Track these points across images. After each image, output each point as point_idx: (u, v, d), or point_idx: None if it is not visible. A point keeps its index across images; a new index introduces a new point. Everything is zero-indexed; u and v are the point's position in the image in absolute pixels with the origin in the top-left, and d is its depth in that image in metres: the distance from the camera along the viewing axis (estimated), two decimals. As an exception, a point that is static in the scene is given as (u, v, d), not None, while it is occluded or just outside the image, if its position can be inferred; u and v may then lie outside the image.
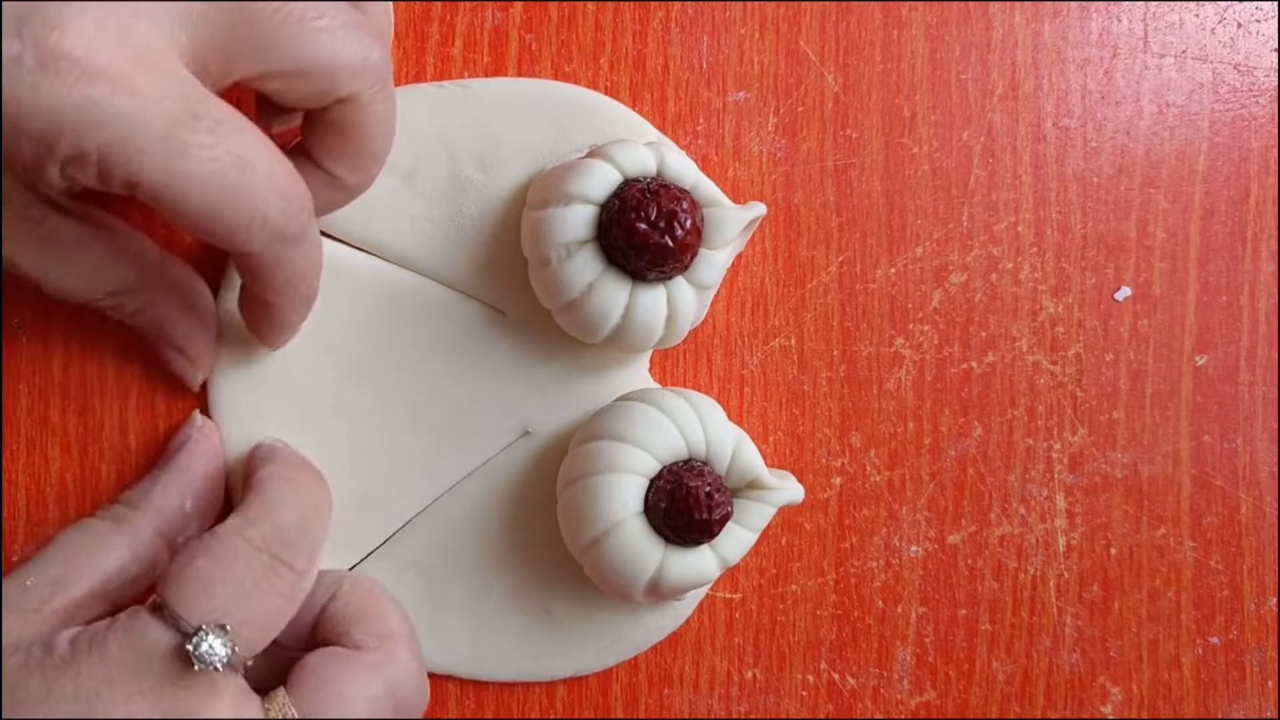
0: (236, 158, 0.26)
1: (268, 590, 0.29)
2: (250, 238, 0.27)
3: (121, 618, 0.28)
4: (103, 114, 0.24)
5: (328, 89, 0.28)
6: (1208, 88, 0.37)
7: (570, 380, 0.35)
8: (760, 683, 0.36)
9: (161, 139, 0.25)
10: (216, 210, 0.26)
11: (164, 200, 0.25)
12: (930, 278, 0.36)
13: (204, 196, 0.25)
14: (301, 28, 0.27)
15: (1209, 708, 0.37)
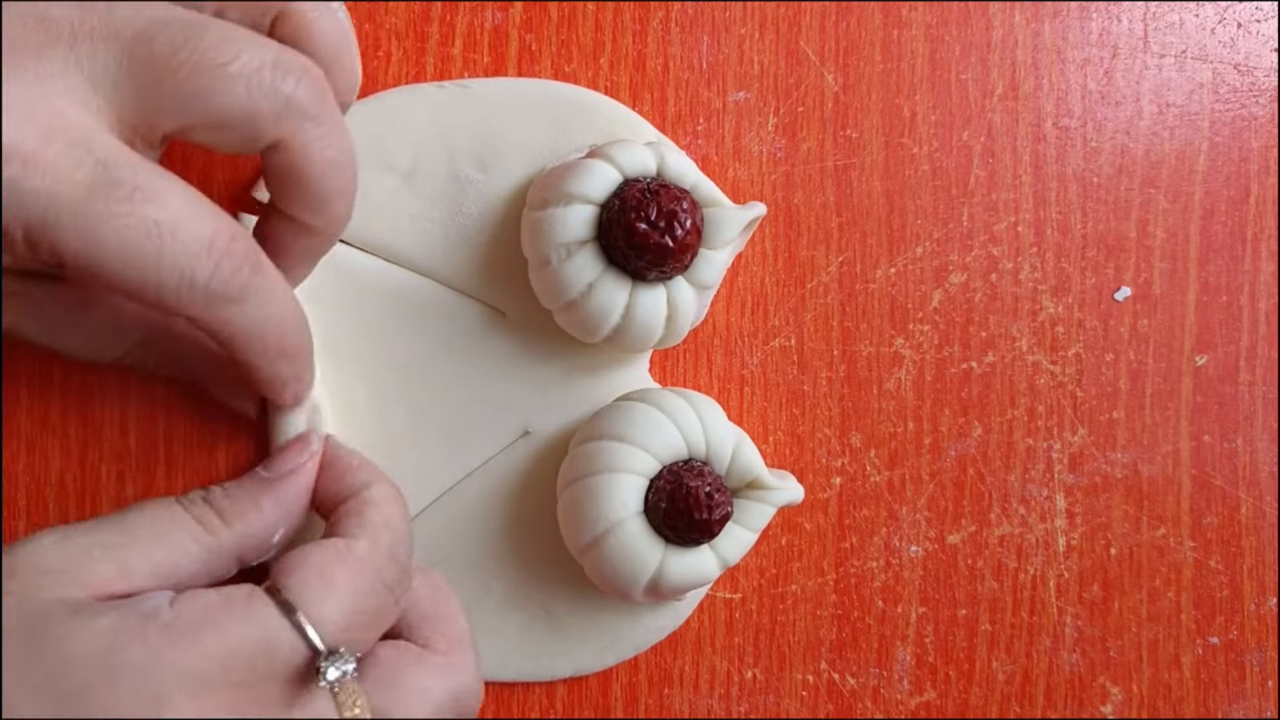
0: (152, 224, 0.25)
1: (378, 627, 0.28)
2: (181, 301, 0.26)
3: (238, 598, 0.26)
4: (16, 194, 0.24)
5: (250, 137, 0.27)
6: (1208, 88, 0.37)
7: (570, 380, 0.35)
8: (760, 683, 0.36)
9: (74, 213, 0.24)
10: (140, 277, 0.25)
11: (87, 271, 0.25)
12: (930, 278, 0.36)
13: (124, 265, 0.25)
14: (212, 76, 0.25)
15: (1209, 708, 0.37)
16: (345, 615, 0.27)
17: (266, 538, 0.30)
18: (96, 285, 0.26)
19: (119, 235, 0.25)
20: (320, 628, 0.26)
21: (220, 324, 0.27)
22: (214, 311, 0.27)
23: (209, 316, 0.27)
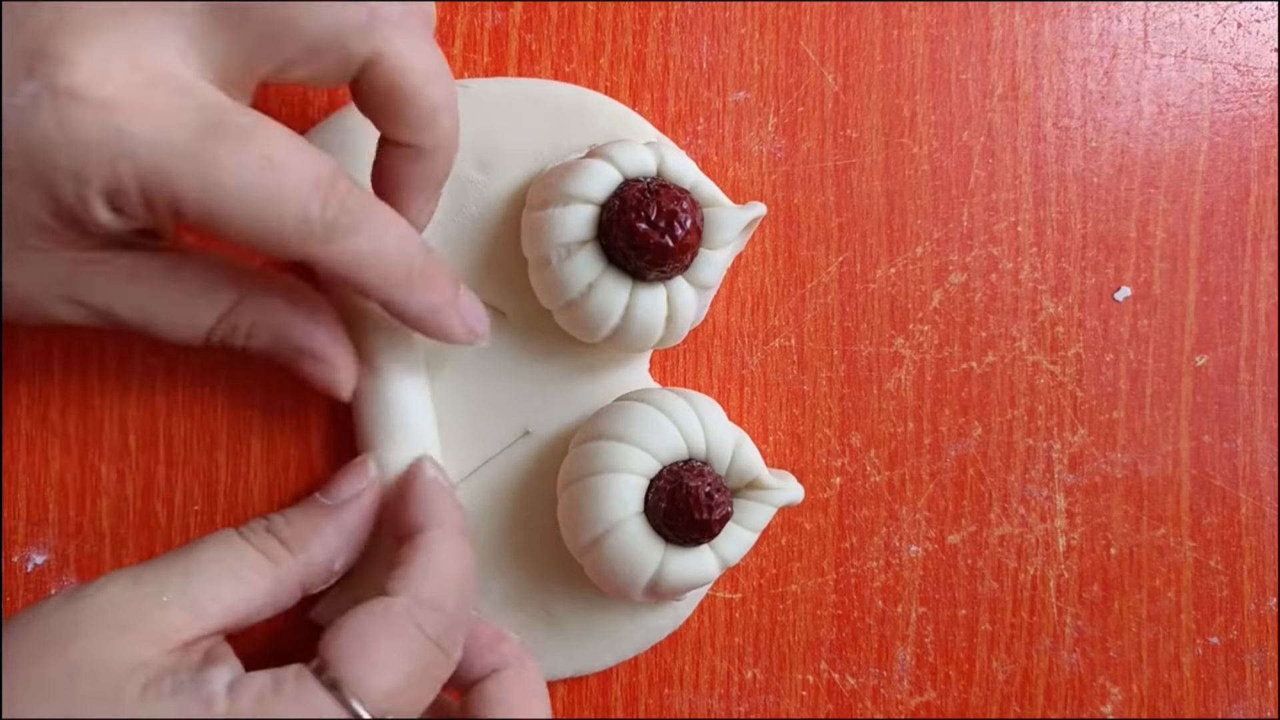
0: (265, 159, 0.25)
1: (432, 680, 0.28)
2: (303, 238, 0.26)
3: (288, 681, 0.26)
4: (127, 142, 0.24)
5: (344, 57, 0.27)
6: (1208, 88, 0.37)
7: (570, 380, 0.35)
8: (760, 683, 0.36)
9: (188, 155, 0.25)
10: (258, 216, 0.25)
11: (206, 215, 0.25)
12: (930, 278, 0.36)
13: (242, 204, 0.25)
14: (298, 5, 0.26)
15: (1209, 708, 0.37)
16: (390, 683, 0.27)
17: (328, 564, 0.30)
18: (213, 235, 0.26)
19: (237, 176, 0.25)
20: (366, 701, 0.26)
21: (346, 258, 0.27)
22: (334, 244, 0.27)
23: (331, 252, 0.27)
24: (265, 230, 0.26)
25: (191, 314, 0.29)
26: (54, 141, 0.24)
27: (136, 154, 0.24)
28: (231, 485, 0.35)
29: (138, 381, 0.35)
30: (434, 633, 0.28)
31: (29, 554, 0.35)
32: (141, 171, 0.25)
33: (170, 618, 0.27)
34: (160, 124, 0.25)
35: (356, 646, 0.27)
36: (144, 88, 0.25)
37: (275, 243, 0.26)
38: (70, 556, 0.35)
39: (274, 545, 0.30)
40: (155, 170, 0.25)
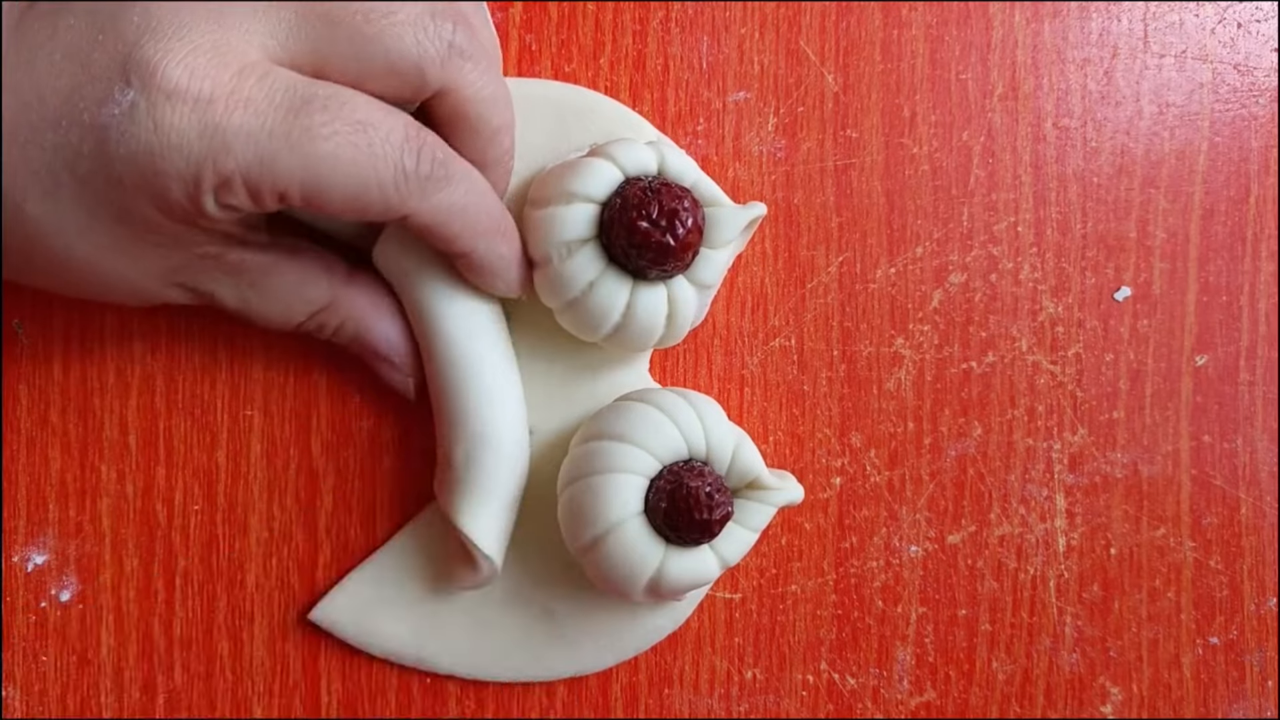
0: (357, 124, 0.26)
1: None
2: (401, 195, 0.27)
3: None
4: (226, 137, 0.25)
5: (419, 84, 0.28)
6: (1208, 88, 0.37)
7: (570, 380, 0.35)
8: (760, 683, 0.36)
9: (285, 137, 0.26)
10: (359, 179, 0.27)
11: (310, 192, 0.26)
12: (930, 278, 0.36)
13: (343, 170, 0.26)
14: (382, 25, 0.27)
15: (1209, 708, 0.37)
16: None
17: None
18: (319, 208, 0.27)
19: (332, 144, 0.26)
20: None
21: (438, 212, 0.29)
22: (430, 198, 0.28)
23: (426, 206, 0.28)
24: (366, 193, 0.27)
25: (287, 309, 0.31)
26: (156, 147, 0.25)
27: (236, 147, 0.25)
28: (231, 485, 0.35)
29: (138, 382, 0.35)
30: None
31: (29, 554, 0.35)
32: (243, 163, 0.26)
33: None
34: (253, 113, 0.26)
35: None
36: (233, 78, 0.26)
37: (378, 204, 0.27)
38: (70, 556, 0.35)
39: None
40: (256, 159, 0.26)
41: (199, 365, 0.35)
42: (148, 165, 0.26)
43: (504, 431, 0.33)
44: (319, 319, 0.32)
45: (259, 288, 0.31)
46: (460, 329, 0.32)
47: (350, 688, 0.36)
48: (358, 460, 0.35)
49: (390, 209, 0.28)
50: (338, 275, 0.32)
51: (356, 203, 0.27)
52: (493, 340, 0.33)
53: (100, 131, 0.25)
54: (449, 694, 0.36)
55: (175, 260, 0.29)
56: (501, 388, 0.33)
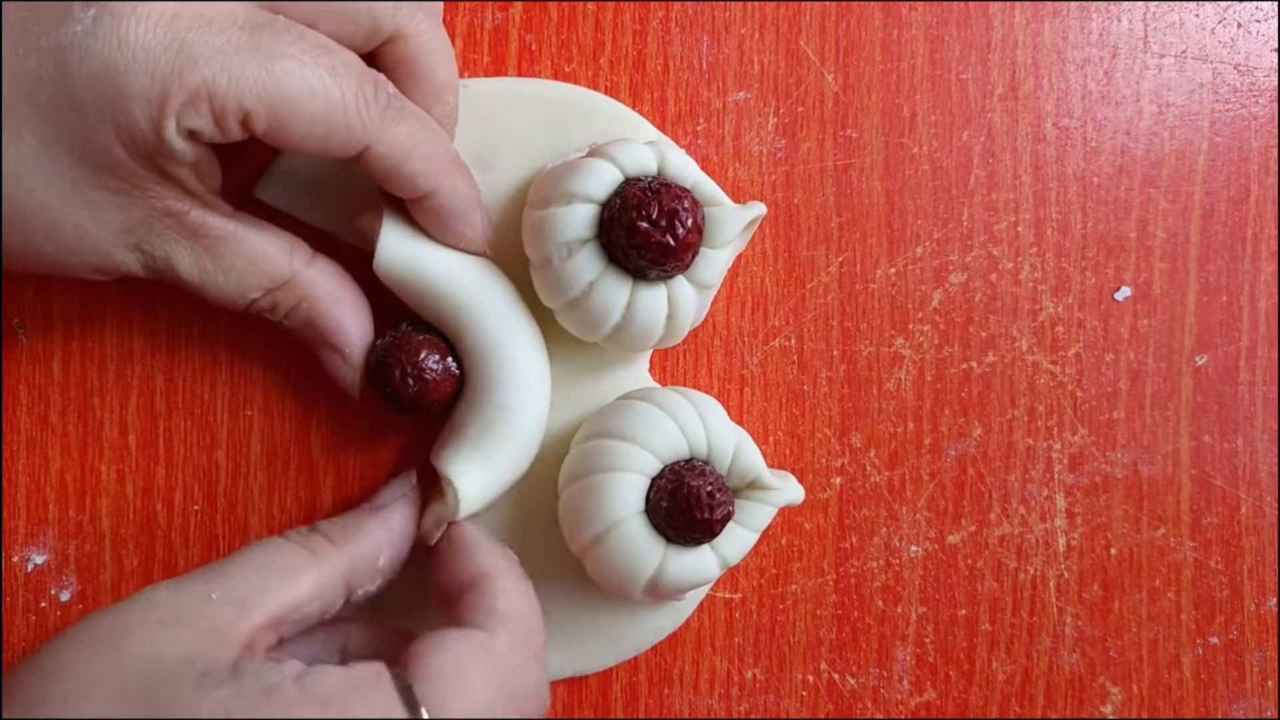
0: (320, 47, 0.26)
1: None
2: (364, 122, 0.27)
3: (366, 680, 0.25)
4: (194, 49, 0.25)
5: (372, 28, 0.28)
6: (1208, 88, 0.37)
7: (570, 380, 0.35)
8: (760, 683, 0.36)
9: (253, 50, 0.25)
10: (325, 100, 0.26)
11: (276, 111, 0.26)
12: (930, 278, 0.36)
13: (308, 89, 0.26)
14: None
15: (1209, 708, 0.37)
16: (466, 714, 0.26)
17: (373, 559, 0.30)
18: (283, 138, 0.27)
19: (297, 63, 0.26)
20: (433, 710, 0.26)
21: (398, 144, 0.28)
22: (390, 128, 0.28)
23: (387, 136, 0.28)
24: (331, 115, 0.27)
25: (242, 280, 0.30)
26: (120, 63, 0.25)
27: (202, 60, 0.25)
28: (231, 485, 0.35)
29: (138, 382, 0.35)
30: (515, 692, 0.28)
31: (29, 554, 0.35)
32: (209, 77, 0.25)
33: (220, 613, 0.26)
34: (218, 29, 0.25)
35: (450, 668, 0.26)
36: (194, 6, 0.25)
37: (340, 130, 0.27)
38: (70, 556, 0.35)
39: (317, 541, 0.30)
40: (224, 72, 0.25)
41: (199, 365, 0.35)
42: (111, 84, 0.25)
43: (525, 413, 0.32)
44: (274, 296, 0.31)
45: (217, 255, 0.29)
46: (491, 314, 0.32)
47: (350, 688, 0.36)
48: (358, 460, 0.35)
49: (353, 138, 0.27)
50: (299, 254, 0.31)
51: (319, 127, 0.27)
52: (519, 321, 0.32)
53: (60, 52, 0.25)
54: (449, 694, 0.36)
55: (136, 215, 0.28)
56: (531, 373, 0.32)
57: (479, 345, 0.32)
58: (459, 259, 0.32)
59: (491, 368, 0.32)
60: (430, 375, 0.31)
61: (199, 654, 0.25)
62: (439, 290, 0.31)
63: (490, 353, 0.32)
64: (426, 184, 0.30)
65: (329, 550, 0.29)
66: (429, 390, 0.31)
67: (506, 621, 0.28)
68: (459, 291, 0.31)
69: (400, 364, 0.31)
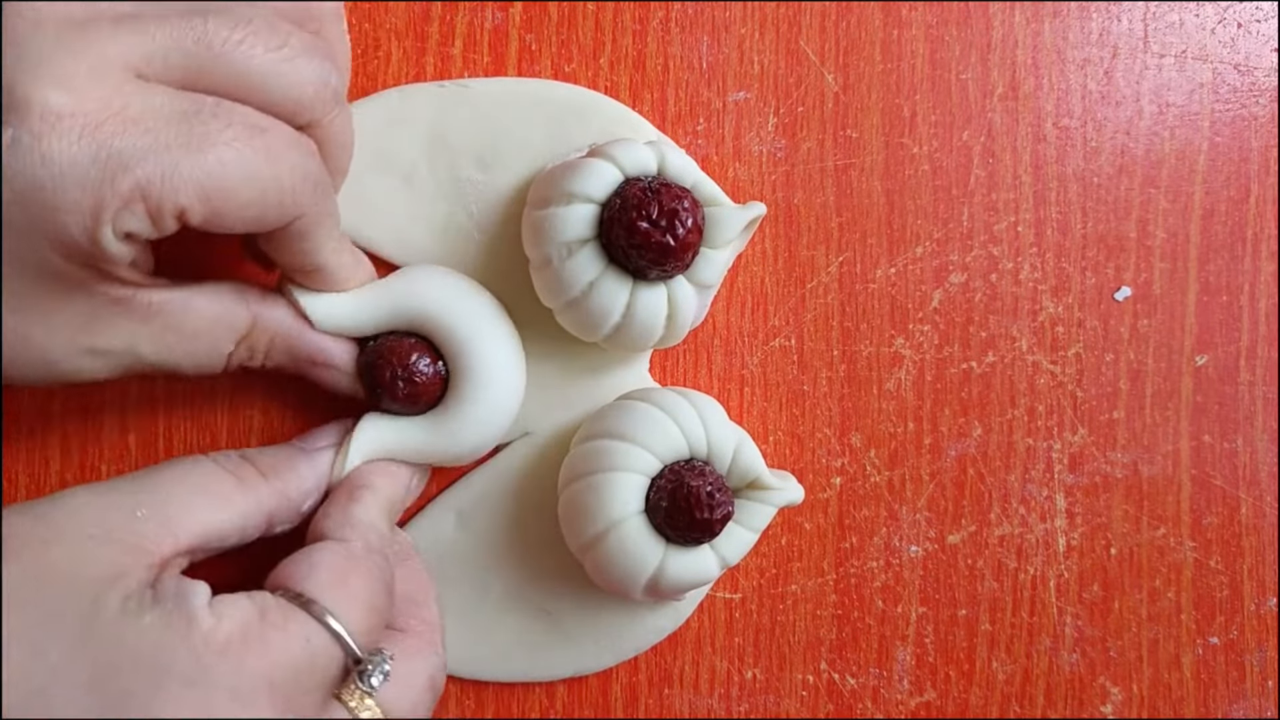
0: (252, 127, 0.26)
1: (385, 622, 0.29)
2: (298, 198, 0.27)
3: (273, 609, 0.26)
4: (123, 154, 0.24)
5: (292, 115, 0.27)
6: (1208, 88, 0.37)
7: (570, 380, 0.35)
8: (760, 683, 0.36)
9: (184, 145, 0.25)
10: (261, 183, 0.26)
11: (213, 201, 0.25)
12: (930, 278, 0.36)
13: (245, 174, 0.25)
14: (266, 57, 0.26)
15: (1209, 708, 0.37)
16: (365, 618, 0.27)
17: (300, 501, 0.31)
18: (219, 223, 0.26)
19: (232, 150, 0.25)
20: (351, 635, 0.27)
21: (326, 215, 0.29)
22: (322, 201, 0.28)
23: (318, 210, 0.28)
24: (265, 196, 0.26)
25: (213, 342, 0.30)
26: (47, 182, 0.24)
27: (134, 165, 0.24)
28: (231, 485, 0.35)
29: (138, 382, 0.35)
30: (387, 579, 0.29)
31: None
32: (143, 179, 0.24)
33: (146, 531, 0.26)
34: (144, 128, 0.24)
35: (334, 579, 0.27)
36: (116, 96, 0.24)
37: (274, 209, 0.27)
38: (70, 556, 0.35)
39: (249, 471, 0.30)
40: (157, 173, 0.24)
41: (199, 365, 0.35)
42: (39, 202, 0.24)
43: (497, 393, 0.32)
44: (248, 343, 0.30)
45: (178, 329, 0.29)
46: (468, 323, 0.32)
47: (350, 688, 0.36)
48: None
49: (286, 213, 0.27)
50: (252, 295, 0.31)
51: (253, 209, 0.26)
52: (499, 327, 0.33)
53: None
54: (449, 694, 0.36)
55: (81, 315, 0.27)
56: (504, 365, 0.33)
57: (457, 349, 0.32)
58: (378, 293, 0.32)
59: (469, 360, 0.32)
60: (420, 378, 0.31)
61: (121, 573, 0.25)
62: (381, 322, 0.32)
63: (464, 347, 0.32)
64: (327, 256, 0.30)
65: (259, 484, 0.30)
66: (419, 392, 0.31)
67: (358, 526, 0.29)
68: (450, 316, 0.32)
69: (391, 366, 0.31)
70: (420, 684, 0.29)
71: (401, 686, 0.28)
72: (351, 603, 0.27)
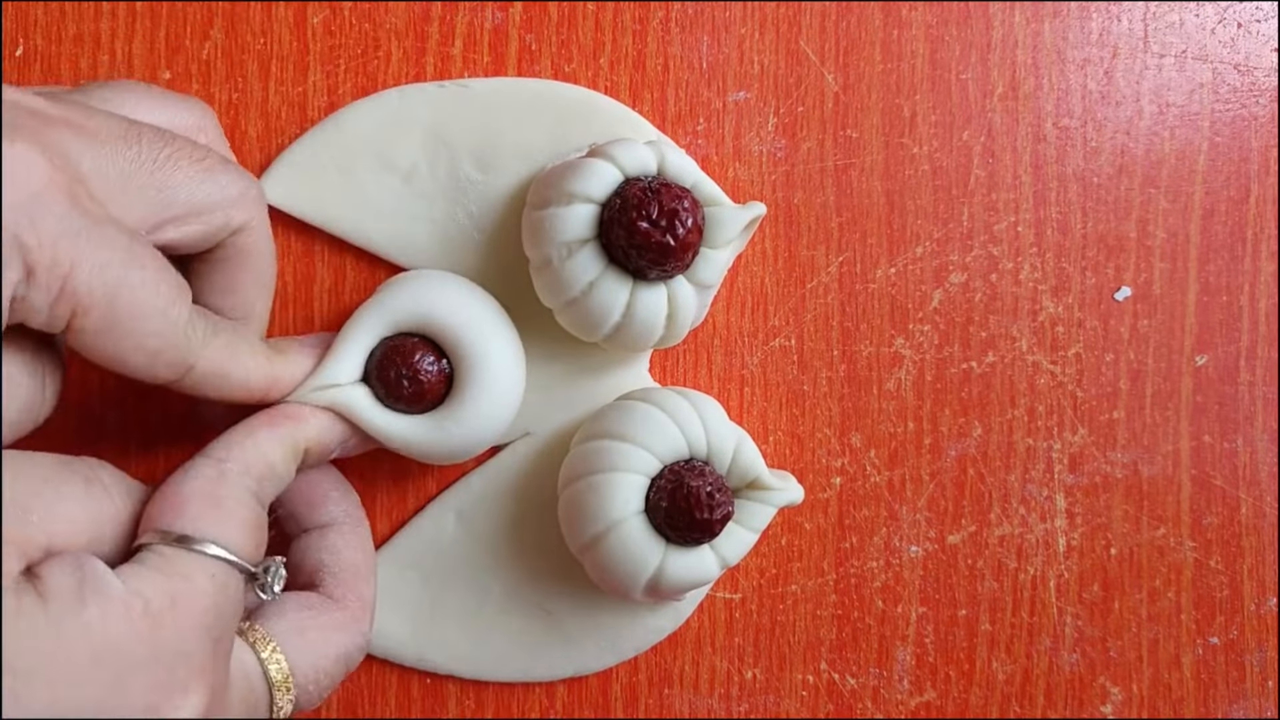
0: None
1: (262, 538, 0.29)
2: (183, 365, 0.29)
3: (175, 562, 0.26)
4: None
5: (222, 223, 0.29)
6: (1208, 88, 0.37)
7: (570, 380, 0.35)
8: (760, 683, 0.36)
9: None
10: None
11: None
12: (930, 278, 0.36)
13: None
14: (191, 169, 0.28)
15: (1209, 708, 0.37)
16: (250, 536, 0.28)
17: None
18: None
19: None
20: (238, 556, 0.27)
21: (201, 367, 0.30)
22: (193, 344, 0.29)
23: (190, 352, 0.29)
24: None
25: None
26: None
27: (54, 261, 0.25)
28: (231, 485, 0.35)
29: (138, 381, 0.35)
30: (264, 498, 0.29)
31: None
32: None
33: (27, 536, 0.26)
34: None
35: (210, 507, 0.28)
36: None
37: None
38: (70, 556, 0.35)
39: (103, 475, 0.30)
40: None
41: (199, 365, 0.35)
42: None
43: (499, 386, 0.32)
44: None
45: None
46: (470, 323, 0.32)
47: (350, 688, 0.36)
48: (357, 461, 0.35)
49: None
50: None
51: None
52: (500, 326, 0.33)
53: None
54: (449, 694, 0.36)
55: None
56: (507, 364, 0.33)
57: (460, 349, 0.32)
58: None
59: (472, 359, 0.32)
60: (425, 377, 0.32)
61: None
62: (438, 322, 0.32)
63: (467, 348, 0.32)
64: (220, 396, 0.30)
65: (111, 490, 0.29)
66: (423, 391, 0.32)
67: (246, 452, 0.30)
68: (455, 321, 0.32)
69: (396, 366, 0.31)
70: (332, 654, 0.30)
71: (312, 654, 0.29)
72: (228, 523, 0.27)
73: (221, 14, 0.35)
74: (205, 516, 0.27)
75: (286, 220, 0.35)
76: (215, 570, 0.26)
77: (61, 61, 0.35)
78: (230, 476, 0.29)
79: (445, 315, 0.32)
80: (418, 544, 0.35)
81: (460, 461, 0.34)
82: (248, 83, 0.35)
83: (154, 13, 0.35)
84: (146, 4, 0.35)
